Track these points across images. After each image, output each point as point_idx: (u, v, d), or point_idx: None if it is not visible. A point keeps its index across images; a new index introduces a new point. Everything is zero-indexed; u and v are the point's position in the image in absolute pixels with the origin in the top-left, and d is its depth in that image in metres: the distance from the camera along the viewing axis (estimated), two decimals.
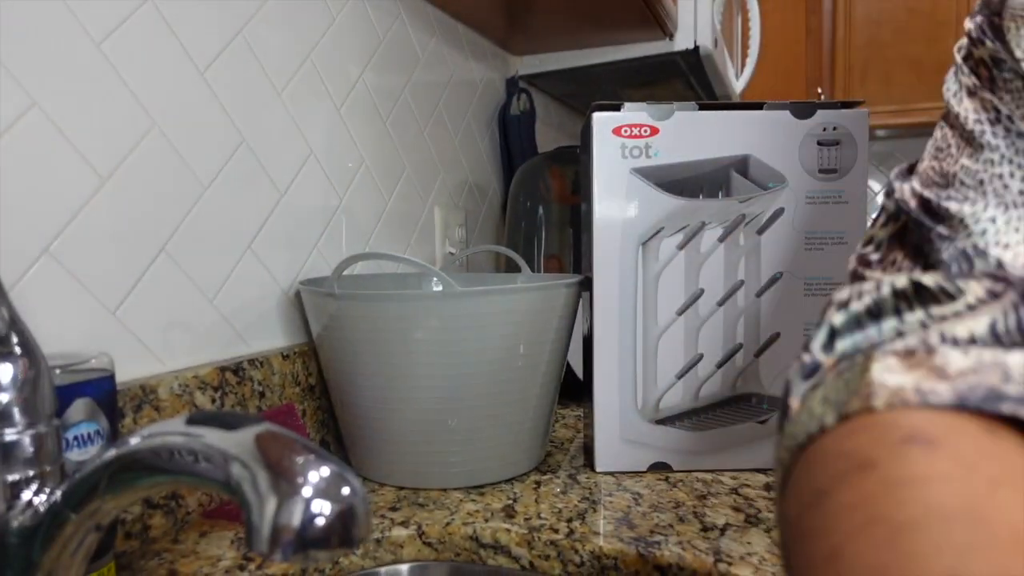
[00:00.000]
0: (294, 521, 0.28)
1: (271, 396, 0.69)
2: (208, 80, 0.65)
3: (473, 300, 0.62)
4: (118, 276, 0.57)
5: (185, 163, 0.63)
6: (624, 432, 0.71)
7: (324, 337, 0.68)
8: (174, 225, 0.62)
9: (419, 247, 1.02)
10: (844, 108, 0.68)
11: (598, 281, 0.69)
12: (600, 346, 0.70)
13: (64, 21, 0.53)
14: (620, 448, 0.71)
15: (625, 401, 0.70)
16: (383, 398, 0.65)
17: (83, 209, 0.54)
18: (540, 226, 1.05)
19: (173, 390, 0.59)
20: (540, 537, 0.56)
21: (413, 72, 1.00)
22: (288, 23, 0.75)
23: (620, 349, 0.70)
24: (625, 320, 0.70)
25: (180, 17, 0.62)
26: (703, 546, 0.54)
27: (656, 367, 0.70)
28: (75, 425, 0.44)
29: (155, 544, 0.56)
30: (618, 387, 0.70)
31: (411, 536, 0.59)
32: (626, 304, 0.69)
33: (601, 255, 0.69)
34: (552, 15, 1.13)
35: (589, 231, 0.70)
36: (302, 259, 0.77)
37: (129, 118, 0.58)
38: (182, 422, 0.32)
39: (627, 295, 0.69)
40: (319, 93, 0.80)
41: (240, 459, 0.29)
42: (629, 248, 0.69)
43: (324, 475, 0.29)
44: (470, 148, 1.18)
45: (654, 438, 0.71)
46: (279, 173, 0.74)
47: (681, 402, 0.70)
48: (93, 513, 0.34)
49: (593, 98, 1.55)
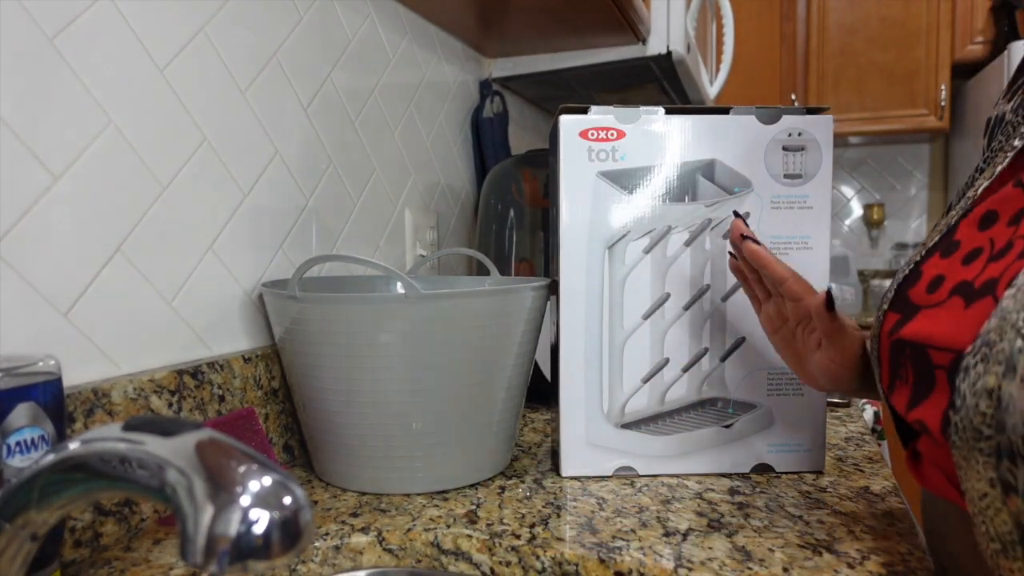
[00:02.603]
0: (230, 530, 0.27)
1: (231, 400, 0.68)
2: (168, 77, 0.64)
3: (436, 303, 0.61)
4: (70, 277, 0.55)
5: (143, 162, 0.61)
6: (590, 436, 0.70)
7: (286, 340, 0.67)
8: (131, 225, 0.60)
9: (389, 249, 1.01)
10: (810, 114, 0.68)
11: (564, 284, 0.69)
12: (566, 350, 0.69)
13: (16, 16, 0.51)
14: (586, 453, 0.70)
15: (591, 405, 0.70)
16: (345, 402, 0.64)
17: (33, 208, 0.53)
18: (512, 229, 1.05)
19: (127, 394, 0.57)
20: (501, 543, 0.56)
21: (383, 73, 0.99)
22: (253, 21, 0.74)
23: (586, 353, 0.69)
24: (592, 324, 0.69)
25: (138, 13, 0.61)
26: (664, 551, 0.53)
27: (622, 371, 0.70)
28: (17, 431, 0.43)
29: (106, 552, 0.54)
30: (584, 391, 0.70)
31: (371, 543, 0.58)
32: (592, 308, 0.69)
33: (568, 258, 0.69)
34: (525, 18, 1.12)
35: (556, 234, 0.70)
36: (266, 260, 0.76)
37: (83, 115, 0.56)
38: (119, 428, 0.31)
39: (593, 299, 0.69)
40: (285, 92, 0.79)
41: (176, 466, 0.28)
42: (596, 251, 0.68)
43: (265, 484, 0.28)
44: (442, 150, 1.17)
45: (619, 442, 0.70)
46: (243, 173, 0.73)
47: (647, 406, 0.70)
48: (27, 522, 0.33)
49: (567, 102, 1.55)
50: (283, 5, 0.79)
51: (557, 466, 0.72)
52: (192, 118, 0.67)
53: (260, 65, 0.75)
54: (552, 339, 0.75)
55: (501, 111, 1.30)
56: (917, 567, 0.50)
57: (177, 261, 0.65)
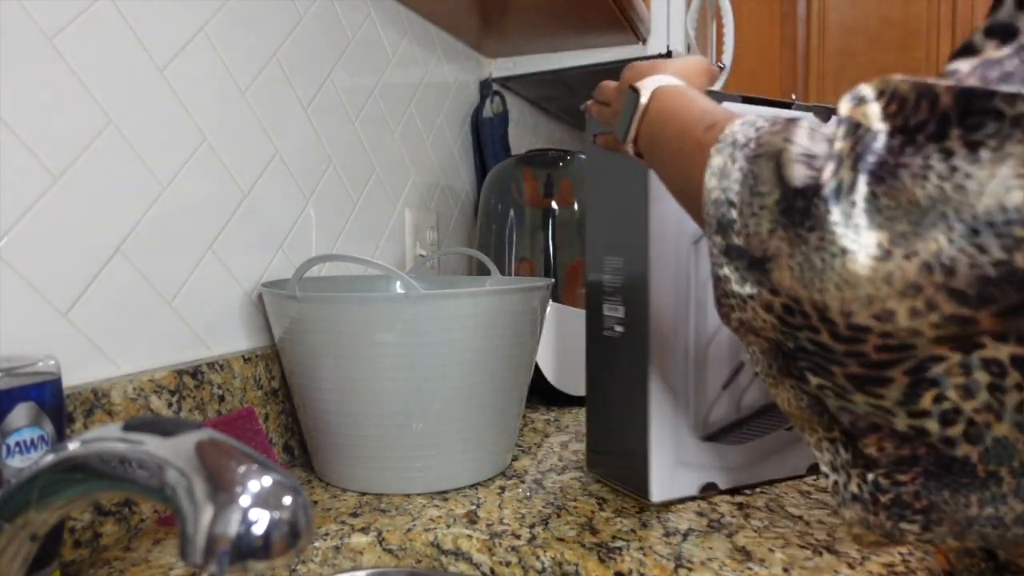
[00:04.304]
0: (230, 530, 0.27)
1: (231, 400, 0.68)
2: (168, 77, 0.64)
3: (435, 303, 0.61)
4: (70, 277, 0.55)
5: (143, 162, 0.61)
6: (679, 454, 0.63)
7: (286, 340, 0.67)
8: (131, 225, 0.60)
9: (389, 249, 1.01)
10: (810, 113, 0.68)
11: (654, 285, 0.62)
12: (658, 357, 0.62)
13: (16, 16, 0.51)
14: (674, 472, 0.63)
15: (678, 418, 0.63)
16: (345, 402, 0.64)
17: (33, 208, 0.53)
18: (512, 229, 1.05)
19: (127, 394, 0.57)
20: (501, 543, 0.56)
21: (384, 72, 0.99)
22: (253, 21, 0.74)
23: (675, 359, 0.63)
24: (680, 327, 0.63)
25: (138, 12, 0.61)
26: (664, 551, 0.53)
27: (707, 378, 0.65)
28: (17, 431, 0.43)
29: (106, 552, 0.54)
30: (673, 403, 0.63)
31: (371, 543, 0.58)
32: (680, 310, 0.63)
33: (657, 258, 0.62)
34: (526, 18, 1.12)
35: (644, 231, 0.62)
36: (266, 260, 0.76)
37: (83, 115, 0.56)
38: (119, 428, 0.31)
39: (680, 300, 0.63)
40: (285, 92, 0.79)
41: (176, 466, 0.28)
42: (683, 248, 0.63)
43: (265, 484, 0.28)
44: (442, 150, 1.17)
45: (703, 456, 0.64)
46: (243, 173, 0.73)
47: (725, 415, 0.66)
48: (27, 522, 0.33)
49: (567, 101, 1.55)
50: (283, 5, 0.79)
51: (642, 490, 0.63)
52: (192, 118, 0.67)
53: (260, 65, 0.75)
54: (605, 343, 0.68)
55: (501, 111, 1.30)
56: (917, 567, 0.50)
57: (177, 261, 0.65)
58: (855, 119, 0.31)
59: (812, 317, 0.31)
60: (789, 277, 0.31)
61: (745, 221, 0.34)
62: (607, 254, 0.67)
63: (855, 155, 0.30)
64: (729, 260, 0.35)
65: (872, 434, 0.32)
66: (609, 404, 0.67)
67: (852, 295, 0.29)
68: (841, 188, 0.30)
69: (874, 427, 0.32)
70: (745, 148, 0.36)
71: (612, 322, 0.67)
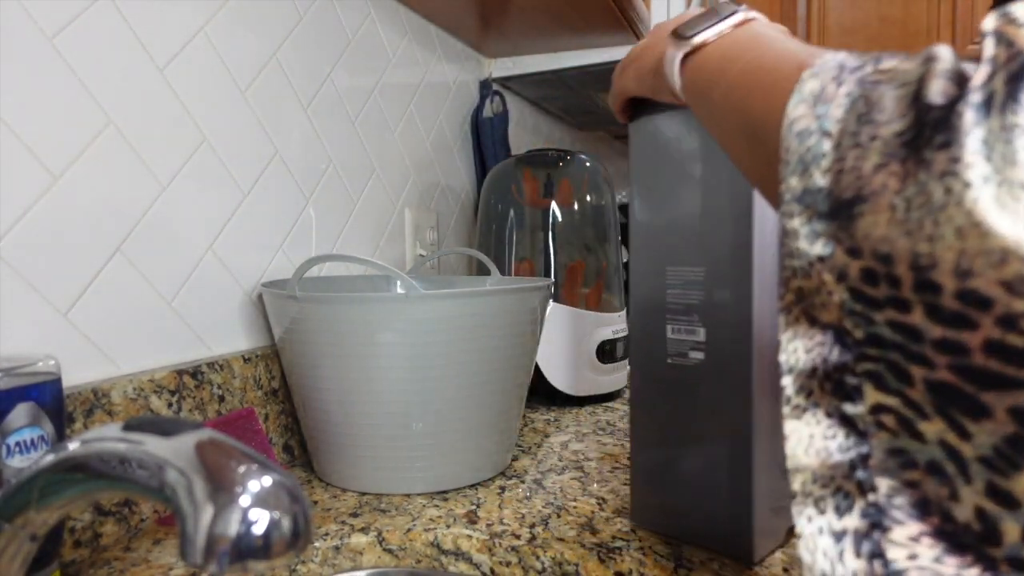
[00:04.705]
0: (230, 530, 0.27)
1: (231, 400, 0.68)
2: (167, 77, 0.64)
3: (436, 303, 0.61)
4: (70, 277, 0.55)
5: (143, 162, 0.61)
6: (772, 498, 0.53)
7: (286, 340, 0.67)
8: (131, 225, 0.60)
9: (389, 249, 1.01)
10: None
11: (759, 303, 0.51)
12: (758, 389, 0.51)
13: (16, 16, 0.51)
14: (771, 522, 0.53)
15: (776, 457, 0.53)
16: (345, 402, 0.64)
17: (33, 208, 0.53)
18: (512, 229, 1.05)
19: (127, 394, 0.57)
20: (501, 543, 0.56)
21: (384, 72, 0.99)
22: (253, 20, 0.74)
23: (769, 389, 0.52)
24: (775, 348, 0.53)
25: (138, 12, 0.61)
26: (664, 552, 0.53)
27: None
28: (17, 431, 0.43)
29: (106, 552, 0.54)
30: (770, 441, 0.52)
31: (371, 543, 0.58)
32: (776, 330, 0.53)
33: (761, 267, 0.51)
34: (525, 18, 1.12)
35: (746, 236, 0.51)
36: (267, 260, 0.76)
37: (83, 115, 0.56)
38: (119, 428, 0.31)
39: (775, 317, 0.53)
40: (285, 92, 0.79)
41: (176, 466, 0.28)
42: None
43: (265, 484, 0.28)
44: (442, 150, 1.17)
45: (784, 494, 0.55)
46: (242, 173, 0.73)
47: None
48: (26, 522, 0.33)
49: (567, 101, 1.55)
50: (283, 5, 0.79)
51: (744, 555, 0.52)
52: (192, 118, 0.67)
53: (260, 65, 0.75)
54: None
55: (501, 111, 1.30)
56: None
57: (177, 261, 0.65)
58: (1007, 35, 0.22)
59: (905, 283, 0.22)
60: (886, 222, 0.23)
61: (842, 154, 0.25)
62: (673, 264, 0.55)
63: (1014, 67, 0.21)
64: (803, 208, 0.26)
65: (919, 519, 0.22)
66: (682, 445, 0.55)
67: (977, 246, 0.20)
68: (992, 101, 0.21)
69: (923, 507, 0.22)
70: (859, 71, 0.27)
71: (684, 347, 0.54)
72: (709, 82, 0.37)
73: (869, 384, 0.24)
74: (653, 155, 0.55)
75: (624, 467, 0.73)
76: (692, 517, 0.55)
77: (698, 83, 0.39)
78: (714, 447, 0.53)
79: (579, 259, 1.03)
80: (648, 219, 0.56)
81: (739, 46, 0.37)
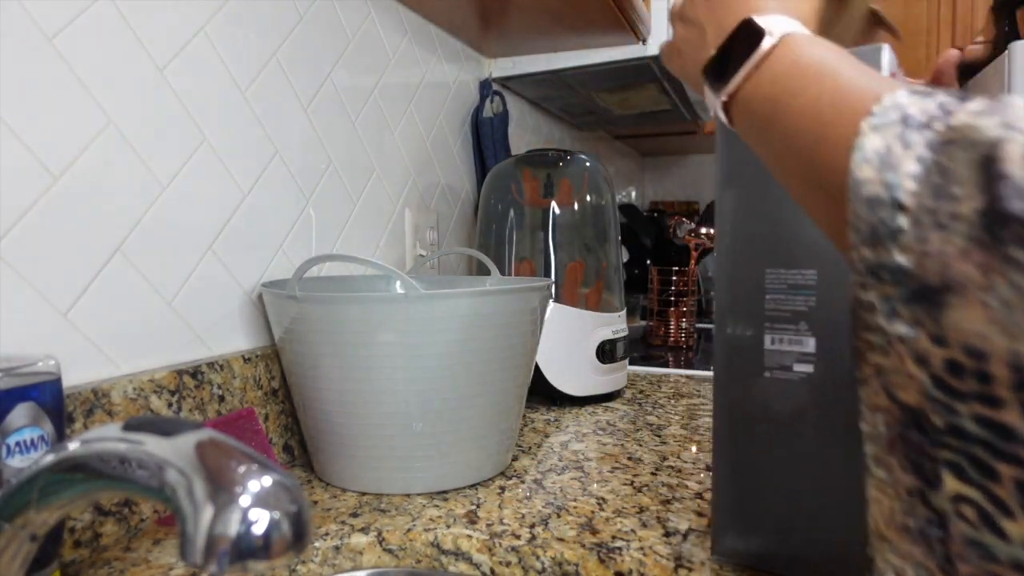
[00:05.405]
0: (230, 530, 0.27)
1: (231, 400, 0.68)
2: (168, 77, 0.64)
3: (436, 303, 0.61)
4: (70, 277, 0.55)
5: (143, 161, 0.61)
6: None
7: (286, 340, 0.67)
8: (130, 225, 0.60)
9: (389, 249, 1.01)
10: None
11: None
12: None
13: (16, 16, 0.51)
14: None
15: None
16: (345, 402, 0.64)
17: (33, 208, 0.53)
18: (512, 229, 1.05)
19: (127, 394, 0.57)
20: (501, 543, 0.56)
21: (383, 72, 0.99)
22: (253, 21, 0.74)
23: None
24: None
25: (137, 12, 0.61)
26: (664, 551, 0.53)
27: None
28: (17, 431, 0.43)
29: (106, 552, 0.54)
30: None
31: (371, 543, 0.58)
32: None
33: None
34: (525, 18, 1.12)
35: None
36: (267, 260, 0.76)
37: (83, 115, 0.56)
38: (119, 428, 0.31)
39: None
40: (285, 92, 0.79)
41: (176, 466, 0.28)
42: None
43: (265, 484, 0.28)
44: (442, 150, 1.17)
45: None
46: (242, 173, 0.73)
47: None
48: (26, 522, 0.33)
49: (567, 101, 1.55)
50: (283, 5, 0.79)
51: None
52: (192, 118, 0.67)
53: (260, 65, 0.75)
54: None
55: (501, 111, 1.30)
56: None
57: (177, 261, 0.65)
58: None
59: (999, 381, 0.22)
60: (981, 319, 0.22)
61: (923, 234, 0.24)
62: (775, 266, 0.50)
63: None
64: (879, 283, 0.25)
65: None
66: (785, 470, 0.50)
67: None
68: None
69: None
70: (926, 130, 0.25)
71: (788, 359, 0.49)
72: (761, 130, 0.35)
73: (949, 473, 0.23)
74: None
75: (624, 467, 0.73)
76: (797, 552, 0.49)
77: (750, 131, 0.37)
78: (824, 471, 0.48)
79: (579, 259, 1.03)
80: (741, 218, 0.51)
81: (780, 86, 0.34)
